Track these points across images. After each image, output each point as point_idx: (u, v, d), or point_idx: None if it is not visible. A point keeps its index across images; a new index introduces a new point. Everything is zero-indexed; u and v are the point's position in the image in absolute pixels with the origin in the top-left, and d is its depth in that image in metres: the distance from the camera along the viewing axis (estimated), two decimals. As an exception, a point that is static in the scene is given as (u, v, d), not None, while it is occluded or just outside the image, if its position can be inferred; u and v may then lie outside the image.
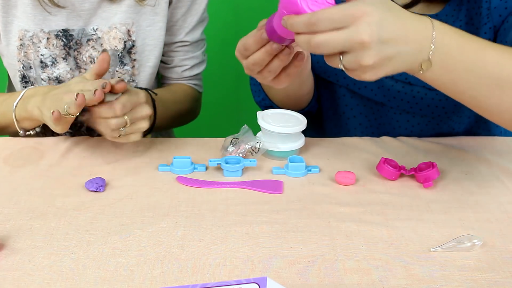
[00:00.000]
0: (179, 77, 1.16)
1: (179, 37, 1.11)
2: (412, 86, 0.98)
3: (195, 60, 1.16)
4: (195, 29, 1.12)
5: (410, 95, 0.98)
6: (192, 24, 1.11)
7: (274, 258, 0.68)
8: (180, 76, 1.16)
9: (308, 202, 0.80)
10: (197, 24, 1.12)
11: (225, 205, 0.79)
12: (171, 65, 1.15)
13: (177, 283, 0.64)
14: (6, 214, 0.76)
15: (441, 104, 0.98)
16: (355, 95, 1.05)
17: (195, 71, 1.17)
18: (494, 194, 0.83)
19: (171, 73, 1.16)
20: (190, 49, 1.14)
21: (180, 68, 1.15)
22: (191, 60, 1.15)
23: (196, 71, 1.17)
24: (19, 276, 0.64)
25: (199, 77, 1.20)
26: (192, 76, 1.18)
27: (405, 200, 0.81)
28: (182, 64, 1.15)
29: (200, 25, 1.13)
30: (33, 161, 0.91)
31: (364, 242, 0.71)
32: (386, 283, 0.64)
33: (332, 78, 1.04)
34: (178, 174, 0.87)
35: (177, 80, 1.17)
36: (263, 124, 0.91)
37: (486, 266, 0.67)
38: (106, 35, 1.03)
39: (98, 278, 0.64)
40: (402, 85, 0.98)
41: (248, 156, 0.91)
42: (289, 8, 0.67)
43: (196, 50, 1.15)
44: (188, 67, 1.15)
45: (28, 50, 1.02)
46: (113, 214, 0.77)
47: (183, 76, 1.16)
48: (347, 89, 1.05)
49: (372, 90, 1.02)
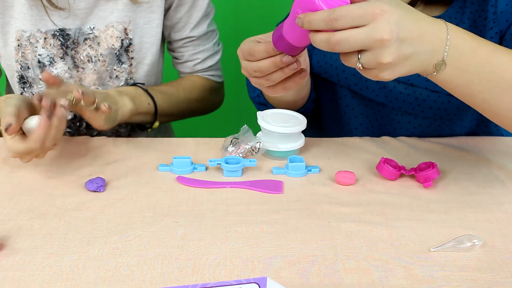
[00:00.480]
0: (192, 71, 1.16)
1: (185, 34, 1.11)
2: (414, 88, 0.98)
3: (206, 53, 1.15)
4: (200, 23, 1.12)
5: (412, 96, 0.98)
6: (197, 19, 1.11)
7: (274, 258, 0.68)
8: (193, 70, 1.16)
9: (308, 202, 0.80)
10: (202, 19, 1.12)
11: (225, 205, 0.79)
12: (182, 60, 1.15)
13: (177, 283, 0.64)
14: (6, 214, 0.76)
15: (444, 106, 0.97)
16: (357, 95, 1.05)
17: (208, 63, 1.17)
18: (494, 194, 0.83)
19: (184, 68, 1.17)
20: (200, 42, 1.14)
21: (192, 62, 1.15)
22: (202, 53, 1.15)
23: (209, 63, 1.17)
24: (19, 276, 0.64)
25: (216, 67, 1.19)
26: (206, 68, 1.17)
27: (405, 200, 0.81)
28: (194, 58, 1.15)
29: (205, 19, 1.12)
30: (33, 161, 0.91)
31: (364, 242, 0.71)
32: (386, 283, 0.64)
33: (334, 78, 1.04)
34: (178, 174, 0.87)
35: (191, 74, 1.17)
36: (263, 124, 0.91)
37: (486, 266, 0.67)
38: (103, 34, 1.03)
39: (98, 278, 0.64)
40: (405, 87, 0.98)
41: (248, 156, 0.91)
42: (305, 7, 0.66)
43: (206, 43, 1.15)
44: (199, 61, 1.15)
45: (25, 50, 1.02)
46: (113, 214, 0.77)
47: (196, 69, 1.16)
48: (348, 89, 1.05)
49: (373, 91, 1.01)
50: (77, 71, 1.05)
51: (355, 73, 1.01)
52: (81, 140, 0.98)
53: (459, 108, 0.98)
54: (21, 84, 1.05)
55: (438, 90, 0.96)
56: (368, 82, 1.01)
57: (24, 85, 1.06)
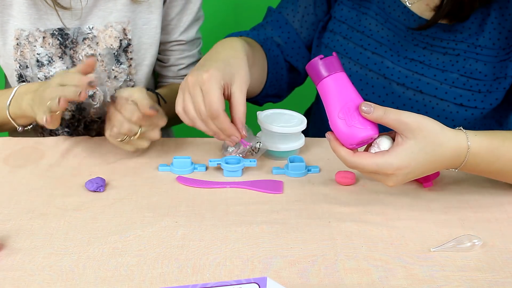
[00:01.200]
0: (176, 75, 1.17)
1: (174, 36, 1.11)
2: (423, 95, 0.97)
3: (191, 58, 1.16)
4: (190, 28, 1.12)
5: (421, 103, 0.98)
6: (187, 23, 1.11)
7: (274, 258, 0.68)
8: (176, 74, 1.17)
9: (308, 202, 0.80)
10: (192, 23, 1.12)
11: (225, 205, 0.79)
12: (167, 63, 1.15)
13: (177, 283, 0.64)
14: (6, 214, 0.76)
15: (452, 116, 0.97)
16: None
17: (191, 69, 1.16)
18: (494, 194, 0.83)
19: (168, 72, 1.17)
20: (186, 48, 1.14)
21: (177, 67, 1.16)
22: (187, 59, 1.15)
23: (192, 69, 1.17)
24: (19, 276, 0.64)
25: None
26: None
27: (405, 200, 0.81)
28: (179, 63, 1.15)
29: (195, 24, 1.13)
30: (33, 161, 0.91)
31: (364, 242, 0.71)
32: (386, 283, 0.64)
33: None
34: (178, 174, 0.87)
35: (174, 78, 1.17)
36: (263, 124, 0.91)
37: (486, 266, 0.67)
38: (102, 34, 1.03)
39: (98, 278, 0.64)
40: (413, 93, 0.98)
41: (248, 156, 0.91)
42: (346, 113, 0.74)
43: (192, 48, 1.16)
44: (184, 66, 1.16)
45: (24, 49, 1.02)
46: (113, 214, 0.77)
47: (180, 74, 1.17)
48: None
49: (380, 97, 1.01)
50: None
51: (360, 79, 1.01)
52: (81, 140, 0.98)
53: (467, 120, 0.97)
54: (20, 83, 1.05)
55: (447, 99, 0.96)
56: (374, 88, 1.01)
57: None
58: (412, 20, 0.99)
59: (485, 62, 0.94)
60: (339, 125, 0.73)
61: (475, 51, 0.95)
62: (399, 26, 1.00)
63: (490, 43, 0.95)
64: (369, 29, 1.02)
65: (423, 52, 0.98)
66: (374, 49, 1.00)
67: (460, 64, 0.95)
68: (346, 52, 1.02)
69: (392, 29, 1.00)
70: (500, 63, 0.94)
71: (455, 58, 0.95)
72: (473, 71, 0.94)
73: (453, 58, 0.96)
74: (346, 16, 1.04)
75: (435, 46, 0.97)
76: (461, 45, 0.96)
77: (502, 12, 0.95)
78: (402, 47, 0.99)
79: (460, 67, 0.95)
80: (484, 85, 0.94)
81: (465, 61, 0.95)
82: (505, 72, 0.94)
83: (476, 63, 0.95)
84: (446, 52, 0.96)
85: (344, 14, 1.04)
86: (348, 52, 1.02)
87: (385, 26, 1.01)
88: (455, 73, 0.95)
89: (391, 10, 1.01)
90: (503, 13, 0.95)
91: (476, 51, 0.95)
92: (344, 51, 1.02)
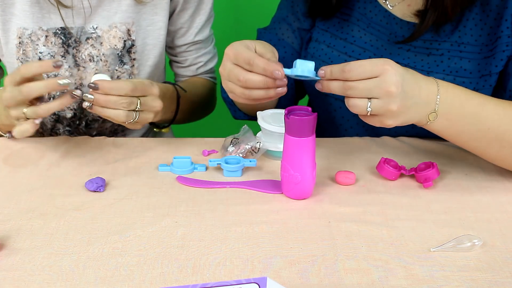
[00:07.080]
0: (194, 74, 1.19)
1: (189, 38, 1.13)
2: None
3: (208, 55, 1.18)
4: (204, 27, 1.14)
5: None
6: (201, 23, 1.12)
7: (274, 258, 0.68)
8: (195, 73, 1.19)
9: (308, 202, 0.80)
10: (205, 23, 1.13)
11: (225, 205, 0.79)
12: (186, 64, 1.17)
13: (177, 283, 0.64)
14: (6, 214, 0.76)
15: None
16: None
17: (209, 65, 1.20)
18: (494, 194, 0.83)
19: (186, 72, 1.18)
20: (202, 46, 1.16)
21: (195, 66, 1.17)
22: (204, 56, 1.17)
23: (210, 65, 1.20)
24: (19, 276, 0.64)
25: (213, 70, 1.22)
26: (207, 71, 1.20)
27: (405, 200, 0.81)
28: (197, 62, 1.17)
29: (208, 23, 1.15)
30: (33, 161, 0.91)
31: (364, 242, 0.71)
32: (386, 283, 0.64)
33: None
34: (178, 174, 0.87)
35: (194, 77, 1.19)
36: (263, 124, 0.91)
37: (486, 266, 0.67)
38: (106, 34, 1.03)
39: (98, 278, 0.64)
40: None
41: (248, 156, 0.91)
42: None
43: (208, 45, 1.18)
44: (202, 63, 1.18)
45: (26, 48, 1.02)
46: (113, 214, 0.77)
47: (198, 72, 1.19)
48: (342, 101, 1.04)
49: None
50: (78, 70, 1.05)
51: None
52: (81, 140, 0.98)
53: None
54: None
55: None
56: None
57: None
58: (394, 23, 0.99)
59: (469, 59, 0.95)
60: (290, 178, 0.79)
61: (459, 48, 0.95)
62: (382, 31, 1.00)
63: (472, 40, 0.95)
64: (351, 35, 1.02)
65: (407, 54, 0.98)
66: (358, 55, 1.00)
67: (445, 64, 0.95)
68: (331, 60, 1.02)
69: (374, 33, 1.00)
70: (484, 60, 0.95)
71: (439, 58, 0.96)
72: (458, 69, 0.95)
73: (437, 58, 0.96)
74: (328, 24, 1.04)
75: (419, 47, 0.97)
76: (444, 45, 0.96)
77: (483, 8, 0.95)
78: (386, 51, 0.99)
79: (445, 67, 0.95)
80: (470, 83, 0.95)
81: (449, 60, 0.95)
82: (489, 70, 0.94)
83: (461, 61, 0.95)
84: (430, 52, 0.96)
85: (326, 23, 1.04)
86: (333, 60, 1.02)
87: (368, 32, 1.01)
88: (440, 73, 0.95)
89: (372, 15, 1.01)
90: (484, 9, 0.95)
91: (460, 49, 0.95)
92: (329, 60, 1.02)
